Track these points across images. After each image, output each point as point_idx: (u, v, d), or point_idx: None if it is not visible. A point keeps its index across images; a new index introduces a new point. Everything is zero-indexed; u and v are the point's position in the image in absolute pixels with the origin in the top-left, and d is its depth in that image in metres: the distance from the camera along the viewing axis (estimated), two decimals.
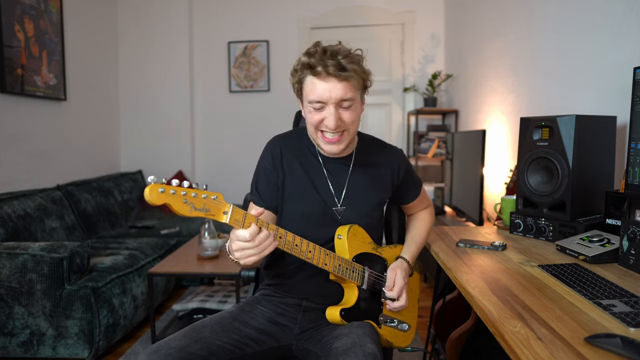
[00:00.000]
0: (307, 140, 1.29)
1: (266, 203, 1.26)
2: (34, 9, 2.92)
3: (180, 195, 0.90)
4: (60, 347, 2.09)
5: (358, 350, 1.03)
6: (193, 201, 0.92)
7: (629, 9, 1.51)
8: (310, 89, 1.12)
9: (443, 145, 3.74)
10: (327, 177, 1.26)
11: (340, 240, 1.21)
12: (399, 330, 1.29)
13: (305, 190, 1.25)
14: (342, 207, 1.25)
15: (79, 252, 2.12)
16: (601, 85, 1.68)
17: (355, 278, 1.20)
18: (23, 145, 2.87)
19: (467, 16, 3.41)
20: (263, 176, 1.28)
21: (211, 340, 1.12)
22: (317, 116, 1.14)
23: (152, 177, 0.88)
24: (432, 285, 2.97)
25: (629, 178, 1.17)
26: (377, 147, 1.34)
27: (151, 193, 0.87)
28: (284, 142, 1.30)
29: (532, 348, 0.71)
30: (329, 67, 1.08)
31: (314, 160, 1.27)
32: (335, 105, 1.12)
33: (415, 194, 1.40)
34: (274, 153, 1.27)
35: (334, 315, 1.18)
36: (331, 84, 1.10)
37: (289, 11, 4.17)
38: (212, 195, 0.95)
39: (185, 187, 0.91)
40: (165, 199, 0.88)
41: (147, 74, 4.14)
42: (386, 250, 1.33)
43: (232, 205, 0.97)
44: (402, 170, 1.34)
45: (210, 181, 4.30)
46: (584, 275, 1.02)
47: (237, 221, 0.98)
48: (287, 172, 1.26)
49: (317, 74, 1.09)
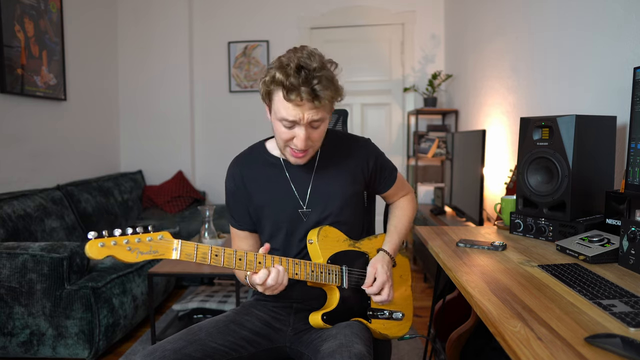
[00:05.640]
0: (265, 153, 1.30)
1: (240, 224, 1.30)
2: (34, 9, 2.92)
3: (122, 245, 0.91)
4: (60, 347, 2.09)
5: (344, 351, 1.02)
6: (138, 247, 0.93)
7: (629, 9, 1.51)
8: (281, 107, 1.10)
9: (443, 145, 3.74)
10: (291, 182, 1.26)
11: (312, 245, 1.21)
12: (393, 320, 1.28)
13: (271, 201, 1.25)
14: (308, 209, 1.25)
15: (79, 252, 2.12)
16: (601, 85, 1.68)
17: (334, 280, 1.20)
18: (23, 145, 2.87)
19: (467, 16, 3.41)
20: (231, 198, 1.30)
21: (206, 342, 1.12)
22: (287, 134, 1.13)
23: (92, 232, 0.89)
24: (432, 285, 2.96)
25: (629, 178, 1.17)
26: (342, 143, 1.32)
27: (91, 249, 0.88)
28: (243, 161, 1.31)
29: (532, 348, 0.71)
30: (302, 94, 1.05)
31: (275, 170, 1.27)
32: (306, 126, 1.11)
33: (390, 183, 1.37)
34: (235, 174, 1.29)
35: (316, 320, 1.18)
36: (304, 108, 1.08)
37: (289, 11, 4.17)
38: (158, 236, 0.96)
39: (128, 234, 0.92)
40: (107, 252, 0.89)
41: (147, 74, 4.14)
42: (365, 243, 1.32)
43: (180, 241, 0.98)
44: (371, 162, 1.31)
45: (210, 181, 4.30)
46: (584, 275, 1.02)
47: (188, 255, 0.99)
48: (251, 189, 1.27)
49: (290, 99, 1.07)
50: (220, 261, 1.03)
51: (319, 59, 1.10)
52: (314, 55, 1.11)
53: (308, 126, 1.12)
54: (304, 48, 1.13)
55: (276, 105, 1.11)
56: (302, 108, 1.08)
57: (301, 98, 1.06)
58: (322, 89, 1.07)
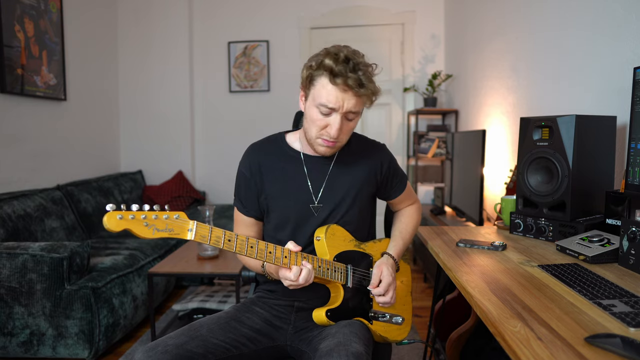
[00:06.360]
0: (284, 144, 1.30)
1: (248, 210, 1.30)
2: (34, 9, 2.92)
3: (140, 219, 0.91)
4: (60, 347, 2.09)
5: (342, 350, 1.03)
6: (154, 223, 0.93)
7: (629, 9, 1.51)
8: (323, 92, 1.12)
9: (443, 145, 3.74)
10: (307, 175, 1.27)
11: (319, 242, 1.21)
12: (393, 324, 1.29)
13: (285, 192, 1.26)
14: (320, 204, 1.26)
15: (79, 252, 2.12)
16: (601, 85, 1.68)
17: (339, 277, 1.20)
18: (23, 145, 2.88)
19: (467, 16, 3.41)
20: (242, 183, 1.30)
21: (208, 339, 1.13)
22: (322, 121, 1.15)
23: (110, 205, 0.89)
24: (432, 285, 2.96)
25: (629, 178, 1.17)
26: (359, 144, 1.34)
27: (109, 221, 0.88)
28: (261, 149, 1.31)
29: (532, 348, 0.71)
30: (349, 80, 1.09)
31: (293, 160, 1.28)
32: (342, 115, 1.13)
33: (400, 189, 1.39)
34: (252, 161, 1.29)
35: (320, 317, 1.18)
36: (347, 95, 1.11)
37: (289, 11, 4.17)
38: (174, 215, 0.96)
39: (145, 210, 0.92)
40: (125, 224, 0.90)
41: (147, 74, 4.14)
42: (370, 246, 1.32)
43: (196, 222, 0.98)
44: (385, 166, 1.33)
45: (210, 181, 4.30)
46: (584, 275, 1.02)
47: (203, 237, 0.99)
48: (266, 178, 1.27)
49: (336, 83, 1.10)
50: (233, 246, 1.04)
51: (362, 57, 1.15)
52: (358, 53, 1.16)
53: (344, 116, 1.14)
54: (347, 47, 1.17)
55: (317, 90, 1.13)
56: (345, 95, 1.11)
57: (347, 84, 1.09)
58: (367, 81, 1.11)
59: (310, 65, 1.15)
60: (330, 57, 1.11)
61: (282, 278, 1.12)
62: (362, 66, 1.12)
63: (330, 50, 1.13)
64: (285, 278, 1.11)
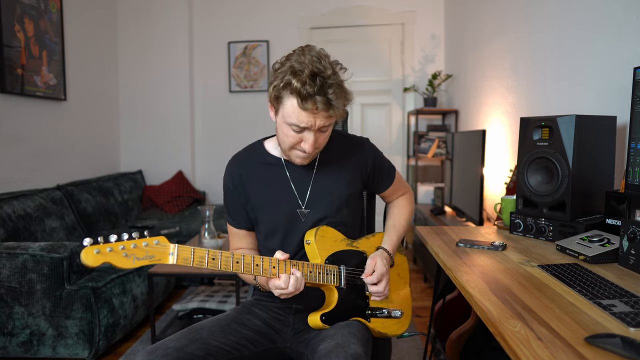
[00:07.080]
0: (264, 153, 1.29)
1: (238, 222, 1.30)
2: (34, 9, 2.92)
3: (118, 251, 0.90)
4: (60, 347, 2.09)
5: (340, 352, 1.02)
6: (134, 252, 0.92)
7: (629, 9, 1.51)
8: (293, 114, 1.08)
9: (443, 145, 3.74)
10: (291, 181, 1.25)
11: (309, 246, 1.20)
12: (392, 318, 1.28)
13: (270, 200, 1.25)
14: (307, 209, 1.24)
15: (79, 252, 2.11)
16: (601, 85, 1.68)
17: (332, 280, 1.20)
18: (23, 145, 2.87)
19: (467, 16, 3.41)
20: (228, 196, 1.30)
21: (209, 341, 1.12)
22: (294, 138, 1.12)
23: (87, 239, 0.87)
24: (432, 285, 2.96)
25: (629, 178, 1.17)
26: (342, 142, 1.31)
27: (87, 257, 0.87)
28: (241, 160, 1.29)
29: (532, 348, 0.71)
30: (317, 104, 1.05)
31: (275, 169, 1.26)
32: (316, 131, 1.11)
33: (388, 182, 1.38)
34: (233, 173, 1.28)
35: (315, 321, 1.18)
36: (318, 115, 1.08)
37: (289, 11, 4.17)
38: (154, 240, 0.95)
39: (124, 239, 0.91)
40: (103, 258, 0.88)
41: (147, 74, 4.14)
42: (363, 243, 1.32)
43: (177, 245, 0.97)
44: (369, 163, 1.31)
45: (210, 181, 4.30)
46: (584, 275, 1.02)
47: (185, 259, 0.98)
48: (249, 188, 1.26)
49: (305, 108, 1.05)
50: (218, 264, 1.02)
51: (329, 63, 1.09)
52: (324, 58, 1.09)
53: (317, 131, 1.11)
54: (312, 49, 1.12)
55: (287, 110, 1.09)
56: (316, 115, 1.08)
57: (317, 107, 1.06)
58: (336, 99, 1.07)
59: (275, 85, 1.09)
60: (295, 77, 1.04)
61: (273, 288, 1.10)
62: (331, 80, 1.06)
63: (294, 65, 1.06)
64: (275, 287, 1.09)
